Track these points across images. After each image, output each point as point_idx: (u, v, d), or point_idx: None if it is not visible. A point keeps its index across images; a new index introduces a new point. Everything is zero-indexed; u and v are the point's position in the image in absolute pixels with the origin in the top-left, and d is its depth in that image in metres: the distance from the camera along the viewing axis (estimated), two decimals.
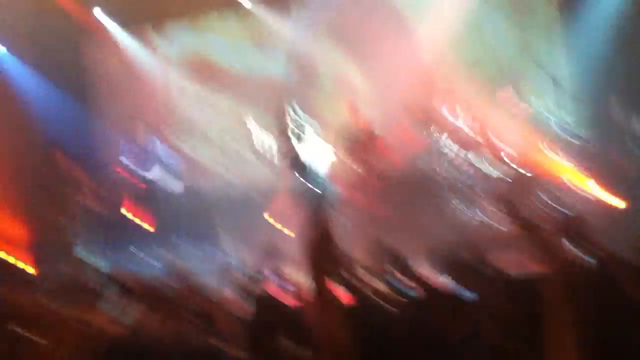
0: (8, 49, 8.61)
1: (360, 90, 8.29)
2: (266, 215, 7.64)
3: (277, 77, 8.38)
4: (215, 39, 8.88)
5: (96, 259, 7.07)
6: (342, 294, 3.18)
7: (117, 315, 3.14)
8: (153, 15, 8.84)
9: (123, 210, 7.84)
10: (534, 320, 2.04)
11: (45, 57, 8.62)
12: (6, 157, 8.11)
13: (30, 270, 6.95)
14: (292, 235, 6.61)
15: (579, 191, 6.86)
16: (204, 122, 8.72)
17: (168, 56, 8.94)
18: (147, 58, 8.93)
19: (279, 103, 5.92)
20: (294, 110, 5.82)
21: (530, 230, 2.51)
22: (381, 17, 8.29)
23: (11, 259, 7.41)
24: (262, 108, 7.75)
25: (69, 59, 8.76)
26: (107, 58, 9.01)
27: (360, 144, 7.46)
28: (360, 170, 7.40)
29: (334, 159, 7.37)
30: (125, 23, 8.89)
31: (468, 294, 2.72)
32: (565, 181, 6.90)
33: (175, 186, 7.96)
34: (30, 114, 8.59)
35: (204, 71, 8.70)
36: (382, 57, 8.16)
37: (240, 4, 8.59)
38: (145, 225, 7.60)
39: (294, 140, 5.75)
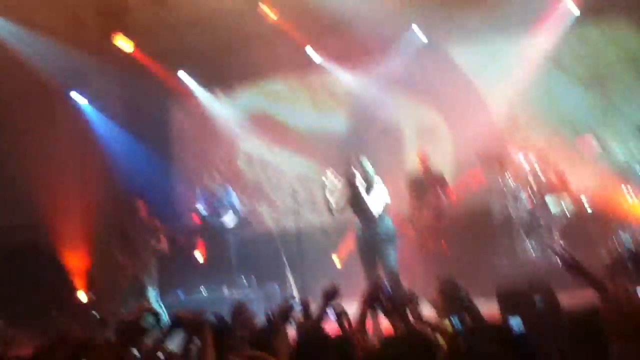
0: (102, 110, 9.25)
1: (434, 140, 8.29)
2: (334, 257, 7.71)
3: (341, 134, 8.60)
4: (281, 101, 9.29)
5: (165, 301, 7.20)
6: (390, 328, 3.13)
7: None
8: (230, 76, 9.38)
9: (197, 253, 8.03)
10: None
11: (132, 115, 9.25)
12: (91, 205, 8.59)
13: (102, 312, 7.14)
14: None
15: None
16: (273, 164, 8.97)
17: (239, 114, 9.33)
18: (223, 116, 9.36)
19: (345, 156, 6.01)
20: (361, 162, 5.87)
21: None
22: (452, 71, 8.40)
23: (87, 299, 7.70)
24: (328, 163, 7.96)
25: (154, 116, 9.34)
26: (188, 116, 9.52)
27: (429, 190, 7.47)
28: (427, 213, 7.38)
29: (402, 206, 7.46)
30: (206, 84, 9.42)
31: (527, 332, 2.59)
32: None
33: (244, 229, 8.08)
34: (115, 166, 9.12)
35: (271, 130, 9.02)
36: (455, 107, 8.23)
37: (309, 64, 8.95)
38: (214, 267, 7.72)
39: (361, 189, 5.75)
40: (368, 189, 5.78)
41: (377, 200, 5.77)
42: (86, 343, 3.27)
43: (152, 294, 7.18)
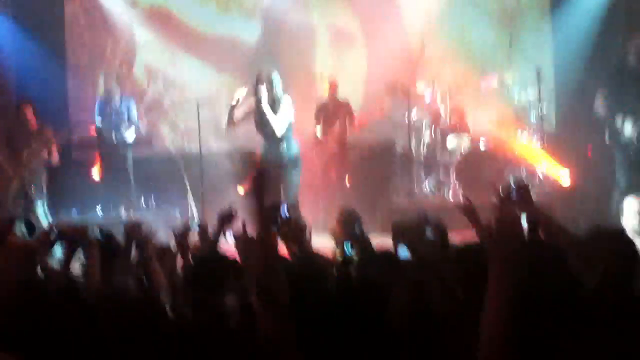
0: None
1: (346, 52, 8.18)
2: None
3: (249, 42, 8.25)
4: None
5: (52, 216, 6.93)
6: (285, 251, 3.15)
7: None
8: None
9: (93, 170, 7.70)
10: (472, 283, 2.06)
11: (23, 6, 8.41)
12: None
13: None
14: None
15: (544, 176, 6.95)
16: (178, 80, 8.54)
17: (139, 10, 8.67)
18: (121, 12, 8.66)
19: (254, 69, 5.81)
20: (270, 78, 5.71)
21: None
22: None
23: None
24: (235, 73, 7.72)
25: (47, 9, 8.53)
26: (84, 10, 8.76)
27: (333, 117, 7.48)
28: (329, 139, 7.43)
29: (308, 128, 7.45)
30: None
31: (413, 258, 2.74)
32: (534, 167, 6.97)
33: (144, 148, 7.81)
34: (2, 63, 8.36)
35: (173, 31, 8.47)
36: (368, 32, 8.13)
37: None
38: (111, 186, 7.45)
39: (266, 108, 5.64)
40: (274, 108, 5.69)
41: (283, 120, 5.71)
42: None
43: (40, 209, 6.89)
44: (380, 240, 3.58)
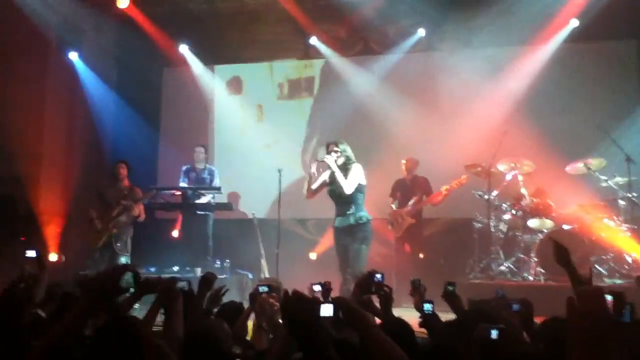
0: (94, 69, 9.06)
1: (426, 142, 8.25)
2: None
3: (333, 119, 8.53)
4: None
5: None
6: None
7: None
8: (231, 58, 9.36)
9: (174, 231, 7.98)
10: None
11: (125, 78, 9.11)
12: (74, 165, 8.47)
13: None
14: None
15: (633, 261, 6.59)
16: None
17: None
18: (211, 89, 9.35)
19: (330, 143, 5.97)
20: (338, 145, 5.86)
21: None
22: (452, 77, 8.35)
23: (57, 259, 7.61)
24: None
25: (146, 82, 9.21)
26: (180, 86, 9.39)
27: (409, 192, 7.56)
28: (404, 213, 7.43)
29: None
30: (204, 57, 9.32)
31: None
32: (621, 252, 6.61)
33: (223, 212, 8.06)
34: (102, 127, 8.99)
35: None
36: (451, 114, 8.20)
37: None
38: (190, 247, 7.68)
39: (335, 168, 5.75)
40: (345, 171, 5.77)
41: (352, 181, 5.77)
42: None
43: (123, 262, 7.13)
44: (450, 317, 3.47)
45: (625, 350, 1.97)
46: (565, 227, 6.84)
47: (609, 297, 2.44)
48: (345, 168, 5.81)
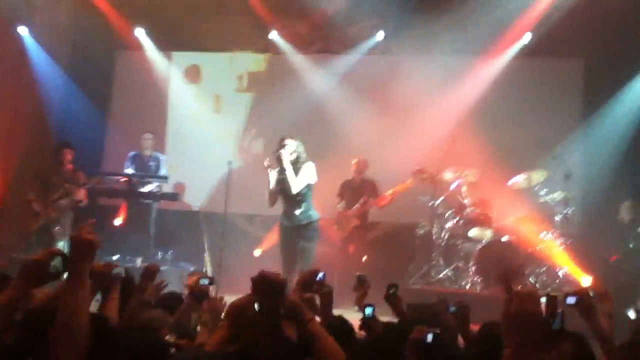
0: (44, 47, 8.73)
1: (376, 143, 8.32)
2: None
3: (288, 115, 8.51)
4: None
5: None
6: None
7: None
8: (189, 46, 9.20)
9: (116, 218, 7.82)
10: None
11: (78, 60, 8.85)
12: (16, 144, 8.18)
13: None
14: None
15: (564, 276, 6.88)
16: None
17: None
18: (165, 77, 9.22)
19: (284, 138, 5.95)
20: (298, 149, 5.85)
21: None
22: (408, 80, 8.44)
23: None
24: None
25: (101, 67, 8.96)
26: (137, 75, 9.19)
27: (357, 193, 7.62)
28: (350, 214, 7.52)
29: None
30: (162, 44, 9.15)
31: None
32: (554, 265, 6.88)
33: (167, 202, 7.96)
34: (49, 108, 8.71)
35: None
36: (404, 117, 8.30)
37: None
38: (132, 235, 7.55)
39: (287, 165, 5.75)
40: (295, 169, 5.78)
41: (301, 180, 5.80)
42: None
43: (61, 247, 6.96)
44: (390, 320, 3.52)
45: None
46: (504, 238, 7.05)
47: (543, 300, 2.57)
48: (296, 166, 5.82)
